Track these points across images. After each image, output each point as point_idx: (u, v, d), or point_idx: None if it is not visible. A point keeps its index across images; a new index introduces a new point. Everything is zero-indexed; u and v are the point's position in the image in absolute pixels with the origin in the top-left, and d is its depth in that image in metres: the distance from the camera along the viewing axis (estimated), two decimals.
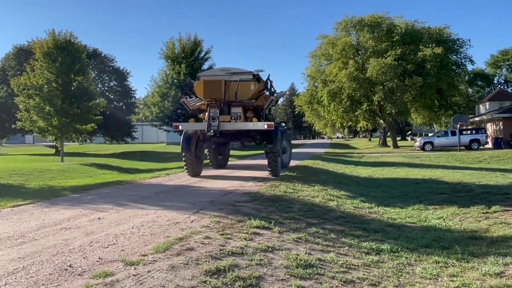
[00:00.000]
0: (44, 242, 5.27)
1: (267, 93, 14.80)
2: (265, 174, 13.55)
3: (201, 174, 14.02)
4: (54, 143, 36.03)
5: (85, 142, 47.24)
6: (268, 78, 14.36)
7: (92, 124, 26.77)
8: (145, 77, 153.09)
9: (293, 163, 19.30)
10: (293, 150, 21.04)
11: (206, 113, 13.22)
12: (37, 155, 37.71)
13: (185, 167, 13.73)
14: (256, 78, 13.75)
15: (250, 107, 13.63)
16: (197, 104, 14.33)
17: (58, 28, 60.41)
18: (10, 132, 44.08)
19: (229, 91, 13.09)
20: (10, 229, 6.08)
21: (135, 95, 52.24)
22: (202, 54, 33.56)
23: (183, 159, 13.57)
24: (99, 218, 6.80)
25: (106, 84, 48.66)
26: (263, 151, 14.60)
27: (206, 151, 15.82)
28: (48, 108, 24.18)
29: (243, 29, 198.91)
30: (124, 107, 48.42)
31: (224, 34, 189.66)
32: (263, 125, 13.01)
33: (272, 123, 13.16)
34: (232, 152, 21.44)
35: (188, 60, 32.08)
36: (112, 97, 47.25)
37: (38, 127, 25.33)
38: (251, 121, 13.26)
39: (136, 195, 9.76)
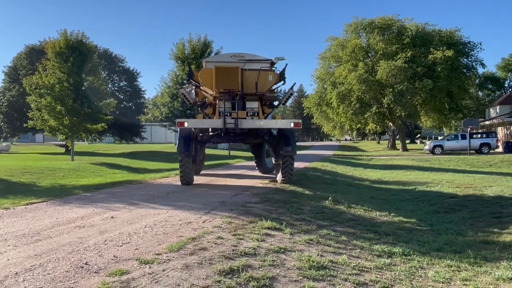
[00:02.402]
0: (59, 240, 5.34)
1: (283, 85, 12.95)
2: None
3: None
4: (64, 142, 36.47)
5: (95, 141, 47.78)
6: (284, 69, 12.05)
7: (103, 124, 27.03)
8: (154, 78, 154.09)
9: (302, 165, 19.32)
10: (302, 152, 20.92)
11: (216, 108, 11.33)
12: (47, 154, 38.08)
13: (180, 174, 11.46)
14: (273, 67, 11.95)
15: (267, 101, 11.99)
16: (205, 95, 12.18)
17: (69, 28, 61.23)
18: (21, 131, 44.60)
19: (245, 82, 11.16)
20: (25, 227, 6.17)
21: (144, 95, 52.69)
22: (212, 55, 33.72)
23: (181, 163, 11.33)
24: (112, 217, 6.88)
25: (116, 84, 49.09)
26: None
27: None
28: (59, 107, 24.44)
29: (252, 31, 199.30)
30: (133, 107, 48.79)
31: (233, 36, 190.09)
32: (288, 123, 11.47)
33: (300, 121, 11.69)
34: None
35: (198, 61, 32.21)
36: (122, 97, 47.64)
37: (49, 126, 25.64)
38: (266, 117, 11.70)
39: (147, 194, 9.85)
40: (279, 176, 12.03)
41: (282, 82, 12.00)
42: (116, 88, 48.46)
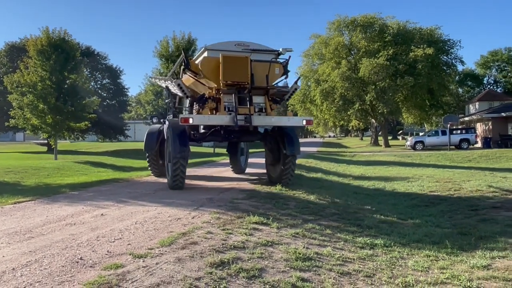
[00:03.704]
0: (52, 237, 5.46)
1: (285, 79, 11.89)
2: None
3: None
4: (45, 141, 35.99)
5: (77, 140, 47.23)
6: (288, 61, 11.01)
7: (86, 122, 26.85)
8: (138, 75, 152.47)
9: None
10: None
11: (221, 102, 10.04)
12: (29, 152, 37.53)
13: (173, 179, 10.11)
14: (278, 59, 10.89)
15: (273, 96, 10.91)
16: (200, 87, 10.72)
17: (50, 25, 60.17)
18: (2, 130, 43.80)
19: (254, 74, 10.10)
20: (16, 225, 6.25)
21: (127, 93, 52.21)
22: (197, 52, 33.68)
23: (175, 166, 9.94)
24: (102, 214, 7.00)
25: (99, 82, 48.57)
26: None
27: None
28: (41, 106, 24.20)
29: (235, 28, 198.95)
30: (117, 105, 48.34)
31: (216, 32, 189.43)
32: (301, 121, 10.78)
33: (312, 118, 10.94)
34: None
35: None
36: (105, 95, 47.15)
37: (31, 124, 25.38)
38: (274, 114, 10.67)
39: (135, 192, 9.96)
40: (275, 178, 11.28)
41: (285, 75, 11.10)
42: (99, 86, 47.96)
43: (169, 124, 10.51)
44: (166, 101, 14.38)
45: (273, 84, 10.68)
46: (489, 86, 65.68)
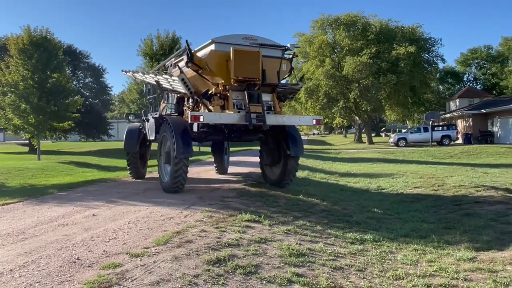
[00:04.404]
0: (46, 238, 5.46)
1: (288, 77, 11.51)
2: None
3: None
4: (27, 141, 35.36)
5: (59, 139, 46.57)
6: (292, 58, 10.45)
7: (70, 122, 26.56)
8: (121, 74, 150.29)
9: None
10: None
11: (229, 100, 9.17)
12: (10, 153, 36.88)
13: (173, 183, 9.37)
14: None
15: (280, 94, 10.24)
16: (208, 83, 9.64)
17: (32, 24, 59.08)
18: None
19: (266, 71, 9.48)
20: (8, 226, 6.22)
21: (110, 92, 51.73)
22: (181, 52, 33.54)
23: (178, 166, 9.20)
24: (93, 215, 7.00)
25: (81, 81, 47.97)
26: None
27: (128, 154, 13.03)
28: (24, 105, 23.86)
29: (218, 28, 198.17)
30: (100, 104, 47.82)
31: (199, 32, 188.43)
32: (311, 120, 10.15)
33: (322, 118, 10.32)
34: None
35: (167, 57, 32.03)
36: (87, 94, 46.60)
37: (13, 125, 25.01)
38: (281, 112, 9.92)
39: (124, 192, 9.95)
40: (274, 180, 10.84)
41: (290, 73, 10.62)
42: (81, 85, 47.36)
43: (170, 122, 9.53)
44: (148, 97, 13.82)
45: (280, 81, 10.03)
46: (469, 83, 67.06)
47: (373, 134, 57.31)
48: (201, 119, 8.53)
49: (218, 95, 9.23)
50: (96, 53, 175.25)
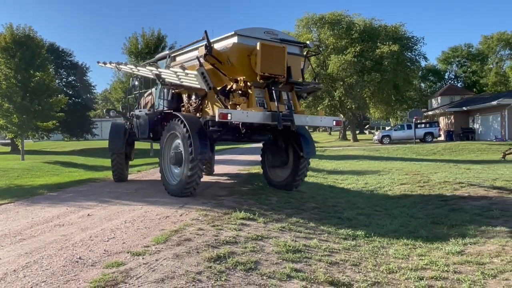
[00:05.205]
0: (44, 238, 5.49)
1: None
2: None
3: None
4: (9, 141, 34.68)
5: (42, 139, 45.89)
6: (308, 56, 10.11)
7: (54, 121, 26.26)
8: (106, 72, 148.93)
9: (259, 158, 19.82)
10: (257, 145, 20.73)
11: (252, 97, 8.44)
12: None
13: (188, 185, 8.63)
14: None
15: (297, 92, 9.64)
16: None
17: (14, 21, 57.93)
18: None
19: (291, 68, 9.00)
20: (3, 228, 6.22)
21: (94, 90, 51.18)
22: (166, 49, 33.38)
23: (193, 164, 8.43)
24: (88, 215, 7.03)
25: (64, 80, 47.32)
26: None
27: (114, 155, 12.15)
28: (7, 105, 23.53)
29: (203, 26, 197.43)
30: (83, 103, 47.28)
31: (185, 30, 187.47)
32: (331, 121, 9.65)
33: (341, 119, 9.67)
34: None
35: (152, 55, 31.84)
36: (71, 92, 46.01)
37: None
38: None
39: (116, 191, 9.96)
40: (281, 183, 10.35)
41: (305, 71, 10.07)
42: (64, 84, 46.73)
43: (184, 119, 8.65)
44: (135, 92, 13.18)
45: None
46: (450, 81, 68.42)
47: (357, 132, 58.02)
48: (229, 117, 7.70)
49: (239, 91, 8.41)
50: (79, 51, 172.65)
